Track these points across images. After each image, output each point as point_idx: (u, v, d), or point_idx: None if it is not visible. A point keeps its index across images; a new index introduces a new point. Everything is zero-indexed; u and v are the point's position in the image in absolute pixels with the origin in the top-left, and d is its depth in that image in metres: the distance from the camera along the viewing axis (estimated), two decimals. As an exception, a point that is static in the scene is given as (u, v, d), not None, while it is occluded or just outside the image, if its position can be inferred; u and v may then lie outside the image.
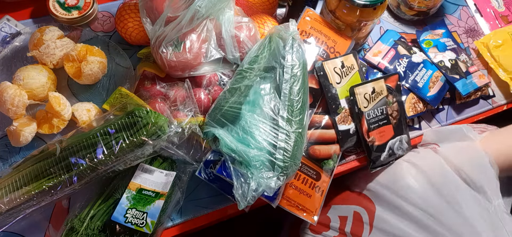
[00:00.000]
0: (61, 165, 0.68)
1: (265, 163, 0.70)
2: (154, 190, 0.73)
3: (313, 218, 0.79)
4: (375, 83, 0.86)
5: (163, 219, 0.73)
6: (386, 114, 0.86)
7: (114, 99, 0.78)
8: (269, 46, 0.80)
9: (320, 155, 0.82)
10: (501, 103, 1.01)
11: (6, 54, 0.85)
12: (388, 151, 0.86)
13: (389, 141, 0.86)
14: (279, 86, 0.77)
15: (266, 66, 0.79)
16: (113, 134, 0.70)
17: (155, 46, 0.78)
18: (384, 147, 0.86)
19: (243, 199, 0.67)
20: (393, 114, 0.87)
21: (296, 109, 0.74)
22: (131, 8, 0.88)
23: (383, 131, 0.86)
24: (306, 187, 0.80)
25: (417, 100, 0.92)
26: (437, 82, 0.93)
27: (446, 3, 1.14)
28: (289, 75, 0.77)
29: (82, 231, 0.66)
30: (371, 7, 0.84)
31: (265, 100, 0.76)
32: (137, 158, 0.72)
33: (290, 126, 0.73)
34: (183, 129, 0.74)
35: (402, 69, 0.94)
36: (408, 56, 0.96)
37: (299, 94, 0.76)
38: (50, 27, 0.84)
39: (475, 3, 1.16)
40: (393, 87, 0.88)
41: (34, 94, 0.78)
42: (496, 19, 1.14)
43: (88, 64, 0.80)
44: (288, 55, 0.78)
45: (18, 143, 0.75)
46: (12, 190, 0.67)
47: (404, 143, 0.89)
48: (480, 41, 1.05)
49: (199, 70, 0.82)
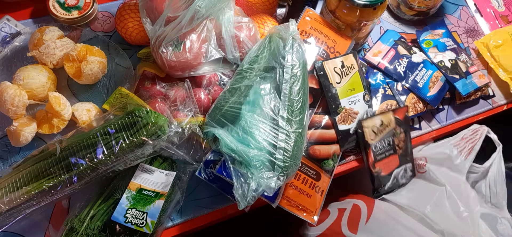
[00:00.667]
0: (61, 165, 0.68)
1: (265, 163, 0.70)
2: (154, 190, 0.73)
3: (313, 218, 0.79)
4: (383, 116, 0.86)
5: (163, 219, 0.73)
6: (393, 145, 0.87)
7: (114, 99, 0.78)
8: (269, 46, 0.80)
9: (320, 155, 0.82)
10: (501, 103, 1.01)
11: (6, 54, 0.85)
12: (393, 180, 0.87)
13: (394, 170, 0.87)
14: (279, 86, 0.77)
15: (266, 66, 0.79)
16: (113, 134, 0.70)
17: (155, 46, 0.78)
18: (389, 177, 0.87)
19: (243, 199, 0.67)
20: (400, 145, 0.88)
21: (296, 109, 0.74)
22: (131, 8, 0.88)
23: (389, 161, 0.86)
24: (306, 187, 0.80)
25: (417, 100, 0.92)
26: (437, 82, 0.94)
27: (446, 3, 1.14)
28: (289, 75, 0.77)
29: (82, 231, 0.66)
30: (371, 7, 0.84)
31: (265, 100, 0.76)
32: (137, 158, 0.71)
33: (290, 126, 0.73)
34: (183, 129, 0.74)
35: (402, 69, 0.94)
36: (408, 56, 0.96)
37: (299, 94, 0.76)
38: (50, 27, 0.84)
39: (475, 3, 1.16)
40: (402, 119, 0.88)
41: (34, 94, 0.78)
42: (496, 19, 1.14)
43: (88, 64, 0.80)
44: (288, 55, 0.78)
45: (18, 143, 0.75)
46: (12, 190, 0.67)
47: (408, 172, 0.89)
48: (480, 41, 1.05)
49: (199, 70, 0.82)
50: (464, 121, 0.98)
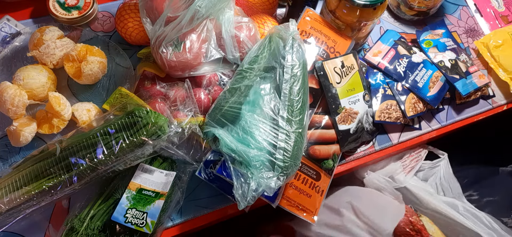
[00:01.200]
0: (61, 165, 0.68)
1: (265, 163, 0.70)
2: (154, 190, 0.73)
3: (313, 218, 0.79)
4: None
5: (163, 219, 0.73)
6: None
7: (114, 99, 0.78)
8: (269, 46, 0.80)
9: (320, 155, 0.82)
10: (501, 103, 1.01)
11: (6, 54, 0.85)
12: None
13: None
14: (279, 86, 0.77)
15: (266, 66, 0.79)
16: (113, 134, 0.70)
17: (155, 46, 0.78)
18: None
19: (243, 199, 0.67)
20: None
21: (296, 109, 0.74)
22: (131, 8, 0.88)
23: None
24: (306, 187, 0.80)
25: (417, 100, 0.92)
26: (437, 82, 0.94)
27: (446, 3, 1.14)
28: (289, 75, 0.77)
29: (82, 231, 0.66)
30: (371, 7, 0.84)
31: (265, 100, 0.76)
32: (137, 158, 0.71)
33: (290, 126, 0.73)
34: (183, 129, 0.74)
35: (402, 69, 0.94)
36: (408, 56, 0.96)
37: (299, 94, 0.76)
38: (50, 27, 0.84)
39: (475, 3, 1.16)
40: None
41: (34, 94, 0.78)
42: (496, 19, 1.14)
43: (88, 64, 0.80)
44: (288, 55, 0.78)
45: (18, 143, 0.75)
46: (12, 190, 0.67)
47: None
48: (480, 41, 1.05)
49: (199, 70, 0.82)
50: (464, 121, 0.98)
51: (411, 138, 0.93)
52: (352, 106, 0.85)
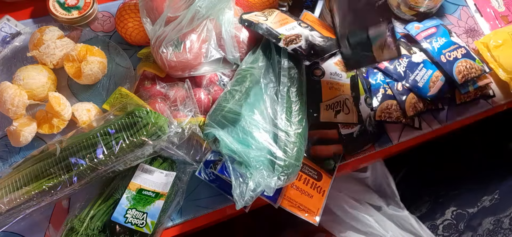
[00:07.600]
0: (61, 165, 0.68)
1: (265, 163, 0.70)
2: (154, 190, 0.73)
3: (315, 218, 0.79)
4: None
5: (163, 219, 0.73)
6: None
7: (114, 99, 0.78)
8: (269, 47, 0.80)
9: (321, 155, 0.82)
10: (501, 103, 1.01)
11: (6, 54, 0.85)
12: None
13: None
14: (278, 86, 0.77)
15: (266, 66, 0.79)
16: (113, 134, 0.70)
17: (155, 46, 0.78)
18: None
19: (241, 198, 0.67)
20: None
21: (295, 109, 0.74)
22: (131, 8, 0.88)
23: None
24: (307, 188, 0.80)
25: (417, 100, 0.92)
26: (437, 82, 0.93)
27: (446, 3, 1.14)
28: (287, 77, 0.77)
29: (82, 231, 0.66)
30: (371, 7, 0.84)
31: (265, 101, 0.76)
32: (137, 158, 0.71)
33: (290, 126, 0.73)
34: (183, 129, 0.74)
35: (402, 69, 0.94)
36: (408, 56, 0.96)
37: (298, 94, 0.76)
38: (50, 27, 0.84)
39: (475, 3, 1.16)
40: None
41: (34, 94, 0.78)
42: (496, 19, 1.14)
43: (88, 64, 0.80)
44: (284, 59, 0.78)
45: (18, 143, 0.75)
46: (12, 190, 0.67)
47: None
48: (480, 41, 1.05)
49: (199, 70, 0.82)
50: (464, 121, 0.98)
51: (411, 138, 0.93)
52: (291, 31, 0.84)
